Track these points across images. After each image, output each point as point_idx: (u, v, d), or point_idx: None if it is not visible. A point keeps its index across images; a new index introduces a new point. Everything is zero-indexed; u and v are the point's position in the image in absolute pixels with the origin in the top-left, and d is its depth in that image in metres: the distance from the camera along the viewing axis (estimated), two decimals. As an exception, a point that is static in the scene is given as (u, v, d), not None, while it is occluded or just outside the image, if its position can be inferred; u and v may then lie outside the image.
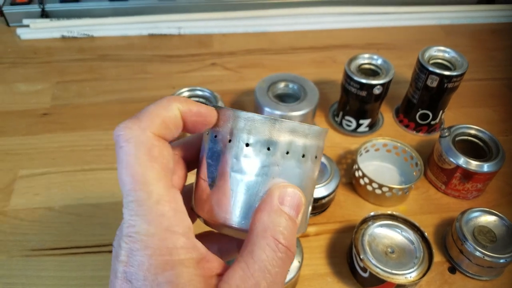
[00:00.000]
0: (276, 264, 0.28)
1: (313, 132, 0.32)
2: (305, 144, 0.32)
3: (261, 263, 0.28)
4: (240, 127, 0.31)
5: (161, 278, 0.26)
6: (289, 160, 0.31)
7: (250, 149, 0.31)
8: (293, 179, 0.31)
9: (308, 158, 0.32)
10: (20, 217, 0.66)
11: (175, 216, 0.28)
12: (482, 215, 0.62)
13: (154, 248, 0.27)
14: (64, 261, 0.62)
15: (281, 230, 0.29)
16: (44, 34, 0.99)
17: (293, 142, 0.31)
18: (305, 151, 0.32)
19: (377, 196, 0.67)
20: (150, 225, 0.27)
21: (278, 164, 0.31)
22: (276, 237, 0.28)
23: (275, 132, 0.31)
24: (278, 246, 0.28)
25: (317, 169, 0.34)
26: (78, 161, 0.74)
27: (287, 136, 0.31)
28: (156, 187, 0.27)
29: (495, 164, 0.66)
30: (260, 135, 0.31)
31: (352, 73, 0.72)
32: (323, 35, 1.04)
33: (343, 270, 0.61)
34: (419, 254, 0.57)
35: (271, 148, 0.31)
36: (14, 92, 0.87)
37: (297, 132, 0.31)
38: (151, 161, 0.28)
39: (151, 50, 0.98)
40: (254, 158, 0.31)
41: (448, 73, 0.71)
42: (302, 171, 0.32)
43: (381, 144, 0.72)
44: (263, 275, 0.28)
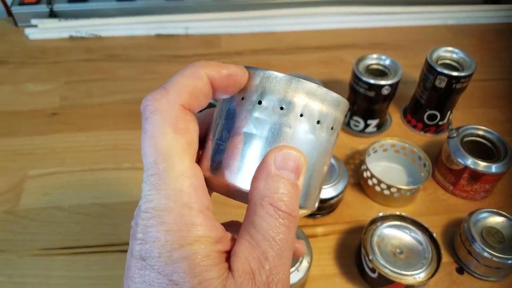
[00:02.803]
0: (280, 231, 0.27)
1: (331, 99, 0.30)
2: (321, 110, 0.30)
3: (264, 232, 0.27)
4: (254, 84, 0.30)
5: (177, 254, 0.25)
6: (303, 123, 0.29)
7: (263, 107, 0.29)
8: (305, 145, 0.29)
9: (323, 126, 0.30)
10: (29, 216, 0.67)
11: (195, 193, 0.27)
12: (490, 216, 0.62)
13: (170, 223, 0.26)
14: (73, 261, 0.62)
15: (279, 197, 0.27)
16: (52, 34, 1.00)
17: (309, 105, 0.29)
18: (321, 118, 0.30)
19: (386, 197, 0.67)
20: (168, 200, 0.26)
21: (290, 126, 0.29)
22: (274, 204, 0.27)
23: (290, 91, 0.29)
24: (278, 213, 0.27)
25: (332, 142, 0.32)
26: (86, 161, 0.74)
27: (303, 97, 0.29)
28: (179, 162, 0.27)
29: (503, 165, 0.66)
30: (274, 93, 0.29)
31: (360, 74, 0.73)
32: (330, 35, 1.05)
33: (352, 271, 0.61)
34: (428, 255, 0.57)
35: (285, 108, 0.29)
36: (23, 92, 0.87)
37: (314, 95, 0.29)
38: (176, 134, 0.27)
39: (159, 50, 0.98)
40: (266, 117, 0.29)
41: (456, 73, 0.71)
42: (316, 138, 0.30)
43: (389, 145, 0.73)
44: (269, 243, 0.27)
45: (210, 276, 0.25)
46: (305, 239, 0.59)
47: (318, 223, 0.66)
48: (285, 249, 0.27)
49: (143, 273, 0.26)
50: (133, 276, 0.26)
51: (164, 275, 0.25)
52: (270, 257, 0.27)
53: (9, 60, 0.94)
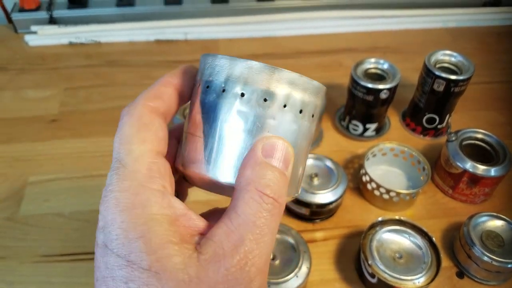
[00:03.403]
0: (262, 215, 0.27)
1: (313, 87, 0.30)
2: (303, 99, 0.30)
3: (245, 216, 0.26)
4: (235, 75, 0.29)
5: (132, 234, 0.25)
6: (286, 114, 0.29)
7: (245, 99, 0.29)
8: (288, 135, 0.29)
9: (305, 115, 0.30)
10: (30, 223, 0.67)
11: (150, 173, 0.28)
12: (490, 219, 0.62)
13: (125, 202, 0.26)
14: (73, 267, 0.62)
15: (265, 182, 0.27)
16: (52, 40, 1.00)
17: (292, 95, 0.29)
18: (303, 107, 0.30)
19: (385, 201, 0.67)
20: (124, 181, 0.27)
21: (274, 118, 0.29)
22: (259, 188, 0.27)
23: (273, 82, 0.29)
24: (263, 197, 0.27)
25: (313, 129, 0.32)
26: (86, 167, 0.75)
27: (286, 88, 0.29)
28: (137, 147, 0.28)
29: (503, 168, 0.66)
30: (257, 85, 0.29)
31: (358, 78, 0.73)
32: (329, 39, 1.05)
33: (351, 276, 0.61)
34: (427, 259, 0.57)
35: (268, 100, 0.29)
36: (23, 98, 0.88)
37: (296, 85, 0.29)
38: (140, 126, 0.29)
39: (158, 55, 0.98)
40: (249, 110, 0.28)
41: (455, 77, 0.71)
42: (298, 128, 0.30)
43: (388, 149, 0.73)
44: (249, 228, 0.26)
45: (169, 253, 0.25)
46: (304, 244, 0.59)
47: (317, 228, 0.66)
48: (265, 234, 0.27)
49: (106, 259, 0.26)
50: (99, 266, 0.26)
51: (122, 257, 0.25)
52: (247, 241, 0.26)
53: (9, 67, 0.95)
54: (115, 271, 0.25)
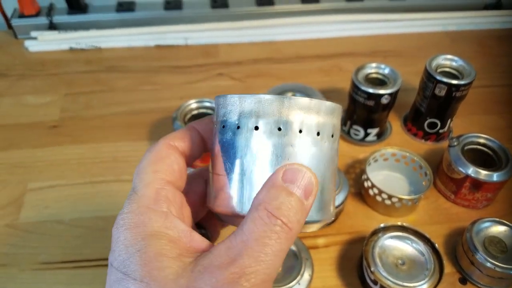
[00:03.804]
0: (267, 235, 0.26)
1: (326, 108, 0.30)
2: (318, 121, 0.30)
3: (249, 234, 0.26)
4: (247, 110, 0.30)
5: (131, 248, 0.27)
6: (304, 138, 0.29)
7: (260, 132, 0.29)
8: (310, 159, 0.30)
9: (323, 136, 0.30)
10: (30, 230, 0.67)
11: (157, 197, 0.30)
12: (493, 225, 0.62)
13: (129, 222, 0.28)
14: (74, 274, 0.62)
15: (277, 204, 0.27)
16: (52, 46, 1.00)
17: (305, 119, 0.29)
18: (320, 129, 0.30)
19: (387, 207, 0.67)
20: (132, 204, 0.29)
21: (292, 145, 0.29)
22: (269, 209, 0.26)
23: (284, 111, 0.29)
24: (271, 218, 0.26)
25: (335, 148, 0.32)
26: (87, 173, 0.74)
27: (299, 114, 0.29)
28: (149, 176, 0.31)
29: (505, 173, 0.66)
30: (269, 116, 0.29)
31: (359, 83, 0.72)
32: (329, 44, 1.05)
33: (354, 283, 0.61)
34: (430, 266, 0.57)
35: (283, 128, 0.29)
36: (23, 104, 0.87)
37: (308, 109, 0.29)
38: (155, 159, 0.31)
39: (158, 61, 0.98)
40: (266, 141, 0.29)
41: (456, 82, 0.71)
42: (319, 150, 0.30)
43: (389, 154, 0.72)
44: (250, 245, 0.26)
45: (162, 265, 0.26)
46: (306, 251, 0.59)
47: (319, 234, 0.66)
48: (267, 255, 0.26)
49: (109, 277, 0.27)
50: (107, 284, 0.28)
51: (120, 271, 0.26)
52: (246, 257, 0.25)
53: (9, 73, 0.95)
54: (114, 286, 0.26)
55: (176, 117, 0.71)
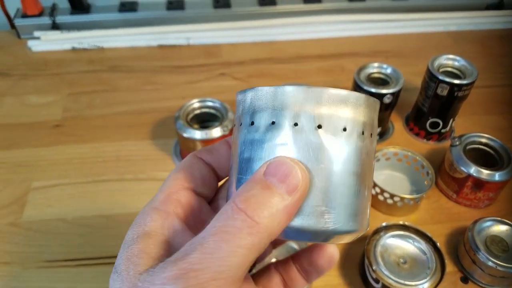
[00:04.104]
0: (224, 229, 0.24)
1: (329, 96, 0.27)
2: (320, 112, 0.27)
3: (210, 227, 0.25)
4: (242, 107, 0.28)
5: (125, 244, 0.28)
6: (299, 133, 0.26)
7: (254, 127, 0.28)
8: (308, 155, 0.26)
9: (329, 129, 0.27)
10: (33, 228, 0.67)
11: (167, 199, 0.30)
12: (494, 224, 0.62)
13: (135, 221, 0.29)
14: (77, 273, 0.62)
15: (246, 196, 0.25)
16: (55, 46, 1.00)
17: (300, 111, 0.27)
18: (321, 121, 0.27)
19: (389, 206, 0.67)
20: (145, 207, 0.31)
21: (286, 142, 0.27)
22: (236, 201, 0.25)
23: (277, 102, 0.27)
24: (235, 211, 0.25)
25: (353, 146, 0.27)
26: (89, 172, 0.75)
27: (292, 106, 0.27)
28: (169, 182, 0.31)
29: (507, 172, 0.66)
30: (263, 111, 0.27)
31: (361, 83, 0.73)
32: (331, 44, 1.05)
33: (356, 281, 0.61)
34: (432, 265, 0.57)
35: (276, 122, 0.27)
36: (26, 104, 0.88)
37: (306, 98, 0.27)
38: (179, 168, 0.32)
39: (161, 60, 0.99)
40: (258, 138, 0.27)
41: (458, 81, 0.71)
42: (321, 144, 0.26)
43: (391, 153, 0.72)
44: (205, 238, 0.25)
45: (139, 262, 0.26)
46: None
47: (321, 233, 0.66)
48: (220, 250, 0.24)
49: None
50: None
51: (114, 265, 0.28)
52: (196, 252, 0.24)
53: (12, 72, 0.95)
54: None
55: (179, 117, 0.71)
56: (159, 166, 0.76)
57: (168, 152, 0.78)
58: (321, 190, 0.27)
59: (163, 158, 0.77)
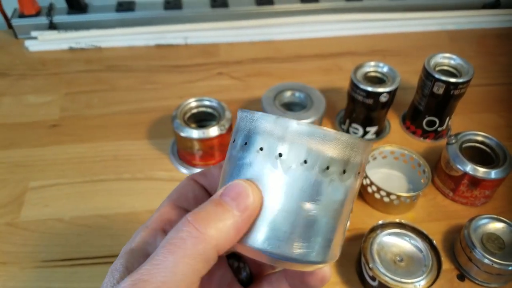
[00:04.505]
0: (172, 241, 0.26)
1: (293, 129, 0.27)
2: (283, 144, 0.27)
3: (163, 241, 0.26)
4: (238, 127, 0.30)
5: (115, 260, 0.30)
6: (261, 158, 0.28)
7: (233, 144, 0.30)
8: (267, 181, 0.27)
9: (291, 161, 0.27)
10: (30, 228, 0.67)
11: (158, 217, 0.32)
12: (490, 222, 0.62)
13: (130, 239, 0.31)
14: (74, 272, 0.62)
15: (197, 210, 0.27)
16: (52, 45, 1.00)
17: (266, 140, 0.28)
18: (284, 151, 0.27)
19: (385, 204, 0.67)
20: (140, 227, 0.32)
21: (251, 163, 0.28)
22: (188, 216, 0.26)
23: (253, 129, 0.28)
24: (184, 223, 0.26)
25: (312, 179, 0.27)
26: (87, 172, 0.75)
27: (262, 132, 0.28)
28: (164, 203, 0.33)
29: (503, 170, 0.66)
30: (241, 131, 0.29)
31: (358, 81, 0.73)
32: (329, 43, 1.05)
33: (352, 279, 0.61)
34: (428, 262, 0.57)
35: (248, 143, 0.28)
36: (23, 104, 0.88)
37: (272, 129, 0.28)
38: (175, 189, 0.34)
39: (158, 60, 0.99)
40: (234, 154, 0.29)
41: (454, 80, 0.71)
42: (281, 175, 0.27)
43: (388, 152, 0.73)
44: (156, 251, 0.26)
45: (117, 276, 0.28)
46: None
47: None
48: (165, 261, 0.25)
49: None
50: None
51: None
52: (146, 265, 0.25)
53: (10, 72, 0.95)
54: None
55: (176, 116, 0.72)
56: (156, 166, 0.76)
57: (165, 152, 0.78)
58: (277, 216, 0.27)
59: (160, 158, 0.77)
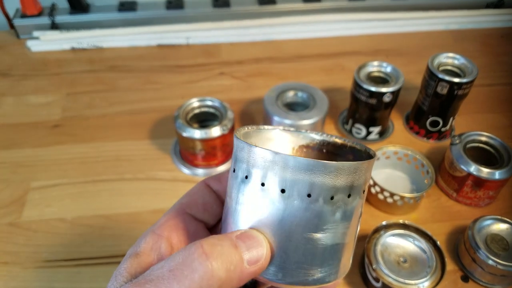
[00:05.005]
0: (180, 264, 0.25)
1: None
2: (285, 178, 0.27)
3: (170, 258, 0.26)
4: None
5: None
6: (260, 193, 0.28)
7: (234, 174, 0.29)
8: (264, 213, 0.28)
9: (293, 194, 0.27)
10: (32, 228, 0.67)
11: (164, 223, 0.32)
12: (495, 223, 0.62)
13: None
14: (76, 272, 0.62)
15: (213, 243, 0.26)
16: (54, 46, 1.00)
17: (266, 173, 0.28)
18: (286, 186, 0.27)
19: (389, 205, 0.67)
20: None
21: (242, 200, 0.29)
22: (203, 243, 0.26)
23: (250, 159, 0.28)
24: (197, 248, 0.26)
25: (301, 210, 0.27)
26: (89, 172, 0.74)
27: (261, 167, 0.28)
28: (173, 207, 0.33)
29: (507, 171, 0.65)
30: (241, 162, 0.29)
31: (361, 81, 0.72)
32: (331, 43, 1.05)
33: (356, 280, 0.61)
34: (432, 263, 0.57)
35: (249, 176, 0.28)
36: (25, 104, 0.88)
37: (270, 162, 0.27)
38: (186, 194, 0.34)
39: (160, 60, 0.98)
40: (231, 184, 0.30)
41: (458, 80, 0.70)
42: (276, 207, 0.27)
43: (391, 152, 0.72)
44: (163, 269, 0.26)
45: (119, 280, 0.28)
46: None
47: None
48: (171, 281, 0.25)
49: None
50: None
51: None
52: (151, 282, 0.25)
53: (11, 72, 0.95)
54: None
55: (178, 116, 0.71)
56: (158, 166, 0.76)
57: (167, 152, 0.78)
58: (287, 250, 0.28)
59: (162, 158, 0.77)
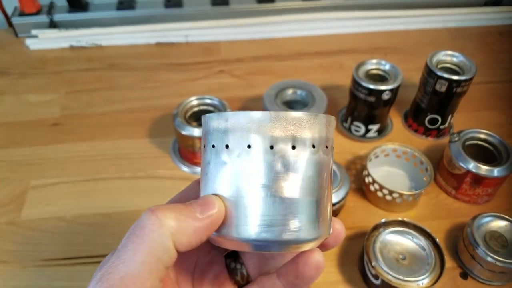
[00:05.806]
0: (134, 233, 0.27)
1: (250, 120, 0.29)
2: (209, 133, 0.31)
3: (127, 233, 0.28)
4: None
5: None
6: (214, 153, 0.30)
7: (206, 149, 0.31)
8: (218, 173, 0.30)
9: (230, 150, 0.30)
10: (32, 227, 0.67)
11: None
12: (493, 220, 0.62)
13: None
14: (75, 271, 0.62)
15: (163, 204, 0.29)
16: (53, 44, 1.00)
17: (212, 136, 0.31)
18: (212, 141, 0.31)
19: (388, 202, 0.67)
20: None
21: (210, 162, 0.31)
22: (152, 206, 0.28)
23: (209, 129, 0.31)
24: (147, 211, 0.28)
25: (251, 163, 0.29)
26: (88, 170, 0.74)
27: (215, 130, 0.30)
28: (170, 201, 0.35)
29: (506, 168, 0.66)
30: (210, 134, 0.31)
31: (360, 79, 0.72)
32: (330, 40, 1.05)
33: (355, 277, 0.61)
34: (431, 260, 0.57)
35: (216, 146, 0.31)
36: (24, 102, 0.88)
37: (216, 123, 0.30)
38: (182, 190, 0.36)
39: (159, 58, 0.98)
40: (206, 156, 0.31)
41: (457, 77, 0.71)
42: (225, 163, 0.30)
43: (390, 150, 0.72)
44: (121, 244, 0.28)
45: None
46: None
47: (321, 230, 0.66)
48: (127, 251, 0.27)
49: None
50: None
51: None
52: (113, 257, 0.27)
53: (10, 71, 0.95)
54: None
55: (177, 114, 0.71)
56: (158, 164, 0.76)
57: (166, 150, 0.78)
58: (249, 204, 0.29)
59: (162, 156, 0.77)
